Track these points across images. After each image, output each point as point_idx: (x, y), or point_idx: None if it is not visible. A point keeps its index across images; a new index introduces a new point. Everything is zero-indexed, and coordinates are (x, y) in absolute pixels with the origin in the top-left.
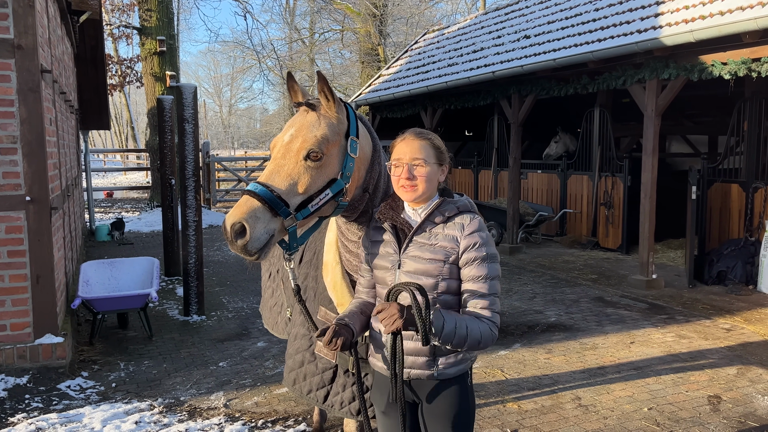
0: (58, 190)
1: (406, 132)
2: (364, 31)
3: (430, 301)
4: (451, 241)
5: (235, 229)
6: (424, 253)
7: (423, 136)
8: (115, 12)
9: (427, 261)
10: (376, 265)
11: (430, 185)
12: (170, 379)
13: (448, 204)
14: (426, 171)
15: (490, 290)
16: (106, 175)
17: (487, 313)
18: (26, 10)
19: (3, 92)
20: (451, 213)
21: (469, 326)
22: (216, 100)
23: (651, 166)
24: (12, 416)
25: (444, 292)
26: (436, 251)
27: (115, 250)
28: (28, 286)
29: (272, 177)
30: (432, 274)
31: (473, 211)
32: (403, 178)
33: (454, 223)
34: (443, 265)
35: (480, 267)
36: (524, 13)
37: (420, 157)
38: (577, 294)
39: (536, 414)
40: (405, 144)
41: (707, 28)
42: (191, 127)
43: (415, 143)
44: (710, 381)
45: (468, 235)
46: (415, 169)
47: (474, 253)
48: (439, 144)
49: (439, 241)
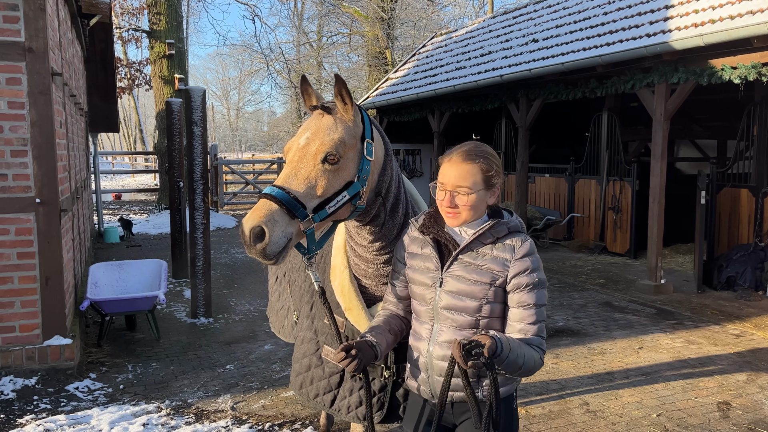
0: (68, 192)
1: (454, 151)
2: (371, 34)
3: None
4: (500, 264)
5: (254, 233)
6: (470, 273)
7: (470, 159)
8: (125, 15)
9: (472, 282)
10: (414, 279)
11: (476, 212)
12: (177, 381)
13: (500, 225)
14: (470, 200)
15: (539, 317)
16: (114, 178)
17: (537, 341)
18: (37, 13)
19: (14, 95)
20: (501, 234)
21: (525, 354)
22: (224, 103)
23: (660, 171)
24: (20, 417)
25: (488, 315)
26: (483, 273)
27: (123, 252)
28: (37, 288)
29: (289, 180)
30: (476, 297)
31: (524, 232)
32: (445, 205)
33: (504, 245)
34: (489, 288)
35: (531, 294)
36: (532, 17)
37: (465, 186)
38: (585, 299)
39: (544, 419)
40: (450, 167)
41: (717, 32)
42: (200, 129)
43: (461, 168)
44: (720, 387)
45: (519, 259)
46: (457, 197)
47: (525, 278)
48: (490, 165)
49: (486, 263)
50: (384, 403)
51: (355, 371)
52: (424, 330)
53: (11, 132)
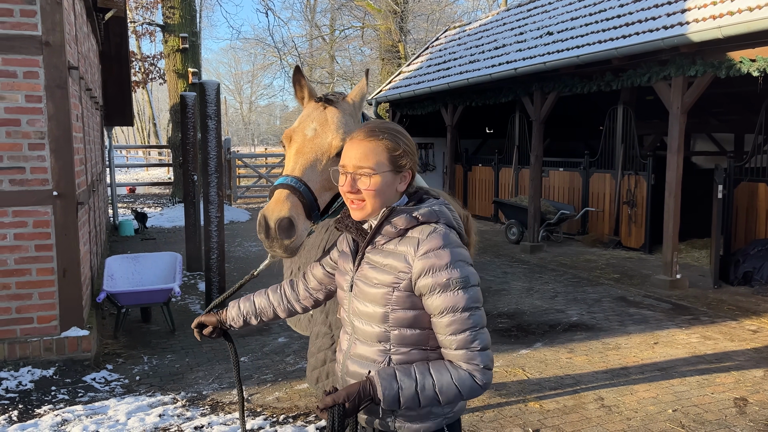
0: (84, 185)
1: (356, 129)
2: (384, 28)
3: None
4: (402, 261)
5: (282, 225)
6: (376, 274)
7: (373, 136)
8: (139, 9)
9: (374, 285)
10: (338, 283)
11: (382, 199)
12: (193, 373)
13: (398, 213)
14: (373, 182)
15: (463, 326)
16: (128, 171)
17: (463, 357)
18: (54, 7)
19: (31, 88)
20: (408, 224)
21: (438, 380)
22: (236, 97)
23: (676, 165)
24: (39, 408)
25: (396, 325)
26: (386, 273)
27: (138, 245)
28: (54, 280)
29: (306, 172)
30: (379, 303)
31: (441, 220)
32: (346, 190)
33: (409, 238)
34: (392, 292)
35: (445, 297)
36: (547, 10)
37: (366, 166)
38: (599, 293)
39: (558, 414)
40: (352, 146)
41: (735, 24)
42: (214, 123)
43: (363, 147)
44: (736, 383)
45: (422, 255)
46: (359, 180)
47: (430, 279)
48: (397, 143)
49: (389, 261)
50: None
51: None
52: (344, 340)
53: (29, 125)
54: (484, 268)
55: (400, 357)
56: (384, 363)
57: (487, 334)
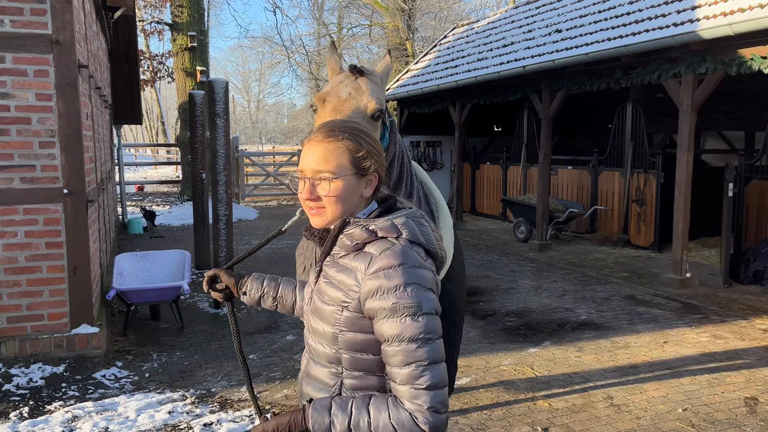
0: (94, 183)
1: (315, 130)
2: (392, 25)
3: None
4: (353, 278)
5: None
6: (329, 289)
7: (333, 137)
8: (147, 8)
9: (326, 302)
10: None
11: (344, 205)
12: (201, 370)
13: (355, 226)
14: (334, 188)
15: (410, 358)
16: (137, 169)
17: (406, 394)
18: (64, 6)
19: (41, 87)
20: (364, 238)
21: (375, 419)
22: (244, 96)
23: (686, 163)
24: (49, 404)
25: (346, 348)
26: (337, 289)
27: (146, 243)
28: (65, 277)
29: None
30: (329, 321)
31: (402, 235)
32: (305, 197)
33: (364, 254)
34: (341, 311)
35: (391, 323)
36: (555, 7)
37: (326, 170)
38: (608, 292)
39: (567, 412)
40: (310, 149)
41: (747, 21)
42: (222, 121)
43: (322, 149)
44: (747, 382)
45: (372, 275)
46: (319, 185)
47: (377, 302)
48: (359, 144)
49: (342, 276)
50: None
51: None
52: (303, 359)
53: (39, 124)
54: (492, 266)
55: (352, 382)
56: (336, 387)
57: (442, 370)
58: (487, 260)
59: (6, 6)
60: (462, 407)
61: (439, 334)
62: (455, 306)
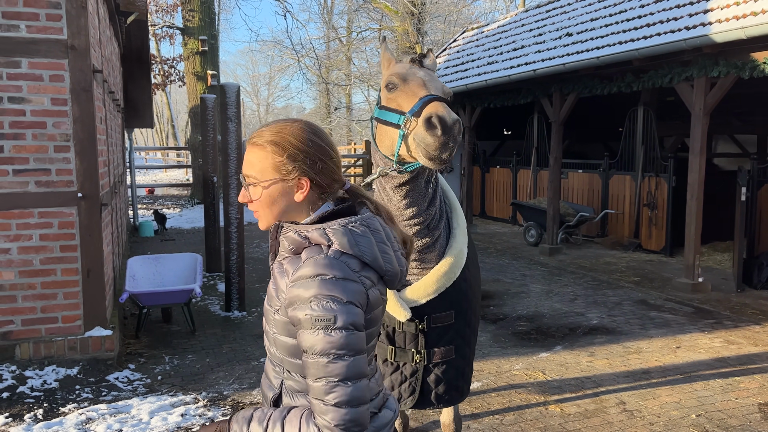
0: (108, 186)
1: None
2: (401, 29)
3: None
4: (284, 283)
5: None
6: (270, 290)
7: (259, 140)
8: (159, 12)
9: (268, 303)
10: None
11: (278, 210)
12: (213, 373)
13: (288, 230)
14: (258, 193)
15: (320, 373)
16: (147, 173)
17: (316, 409)
18: (79, 11)
19: (57, 92)
20: (296, 244)
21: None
22: (254, 99)
23: (698, 167)
24: (63, 406)
25: (282, 351)
26: (274, 291)
27: (158, 246)
28: (79, 280)
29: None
30: (269, 322)
31: (333, 244)
32: (240, 200)
33: (297, 258)
34: (274, 314)
35: (303, 334)
36: (566, 10)
37: (251, 174)
38: (620, 296)
39: (579, 418)
40: (246, 150)
41: (760, 25)
42: (234, 125)
43: (249, 152)
44: (761, 388)
45: (292, 283)
46: (250, 189)
47: (295, 311)
48: (282, 147)
49: (278, 280)
50: (415, 388)
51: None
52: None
53: (54, 128)
54: (502, 270)
55: (291, 384)
56: (278, 387)
57: (356, 388)
58: (498, 264)
59: (22, 11)
60: (474, 411)
61: (357, 350)
62: (471, 306)
